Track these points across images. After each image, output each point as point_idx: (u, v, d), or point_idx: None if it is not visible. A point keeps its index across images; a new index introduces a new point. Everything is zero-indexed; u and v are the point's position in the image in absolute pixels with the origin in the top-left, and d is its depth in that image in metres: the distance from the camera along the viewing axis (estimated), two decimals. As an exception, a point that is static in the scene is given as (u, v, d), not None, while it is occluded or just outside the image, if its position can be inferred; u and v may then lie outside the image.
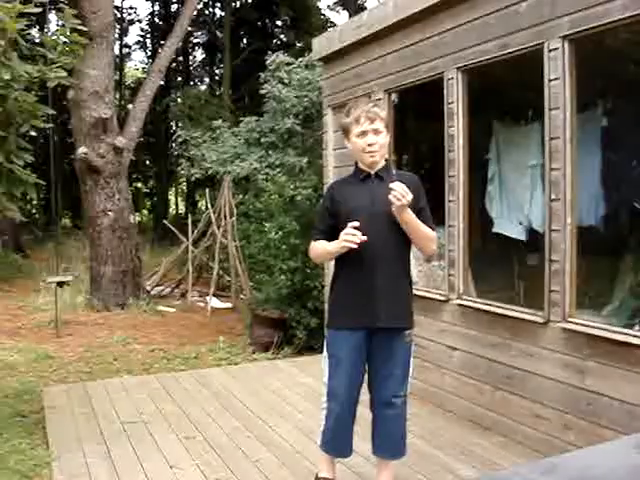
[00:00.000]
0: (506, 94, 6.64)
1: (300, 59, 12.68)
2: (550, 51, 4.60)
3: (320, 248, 3.93)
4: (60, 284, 9.82)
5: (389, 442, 4.01)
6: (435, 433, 5.30)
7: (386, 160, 4.00)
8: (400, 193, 3.58)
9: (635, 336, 4.15)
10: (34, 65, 5.24)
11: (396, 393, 3.92)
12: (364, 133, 3.85)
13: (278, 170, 11.78)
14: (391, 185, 3.62)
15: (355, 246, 3.61)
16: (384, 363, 3.91)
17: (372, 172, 3.92)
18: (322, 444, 4.07)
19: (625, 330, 4.31)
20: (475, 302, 5.54)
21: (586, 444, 4.08)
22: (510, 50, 4.97)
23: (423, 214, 3.86)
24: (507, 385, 5.14)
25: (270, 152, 12.64)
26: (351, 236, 3.60)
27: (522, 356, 4.98)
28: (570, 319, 4.57)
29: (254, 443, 5.13)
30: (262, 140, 12.81)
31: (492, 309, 5.31)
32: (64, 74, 5.36)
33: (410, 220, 3.73)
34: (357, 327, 3.86)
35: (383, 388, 3.94)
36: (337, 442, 4.03)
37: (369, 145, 3.84)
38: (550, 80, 4.63)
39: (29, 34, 5.95)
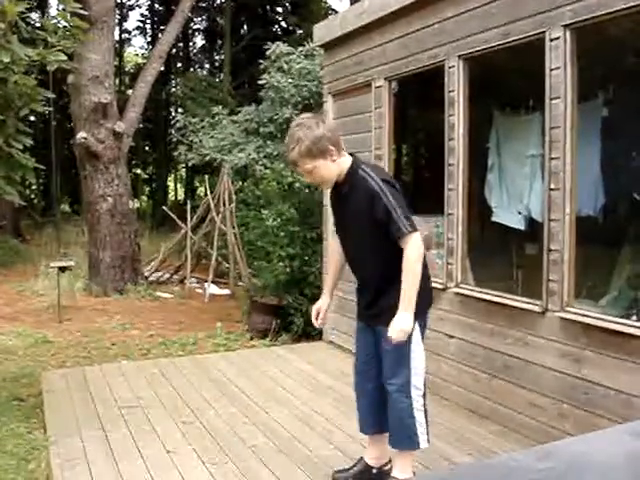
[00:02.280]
0: (507, 83, 6.64)
1: (300, 49, 12.64)
2: (551, 40, 4.59)
3: None
4: (62, 269, 9.83)
5: (390, 427, 4.05)
6: (431, 421, 5.28)
7: (351, 155, 3.96)
8: (397, 339, 3.70)
9: (632, 326, 4.16)
10: (34, 49, 5.23)
11: (388, 381, 3.96)
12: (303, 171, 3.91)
13: (276, 160, 11.75)
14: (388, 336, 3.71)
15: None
16: (381, 352, 3.99)
17: (335, 188, 3.98)
18: None
19: (622, 320, 4.32)
20: (473, 290, 5.55)
21: (582, 433, 4.10)
22: (511, 39, 4.95)
23: (388, 228, 3.70)
24: (504, 374, 5.15)
25: (268, 142, 12.61)
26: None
27: (519, 345, 4.99)
28: (568, 308, 4.58)
29: (251, 429, 5.15)
30: (261, 130, 12.78)
31: (490, 298, 5.31)
32: (64, 58, 5.35)
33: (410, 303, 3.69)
34: (360, 320, 4.19)
35: (380, 374, 4.04)
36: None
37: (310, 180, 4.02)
38: (551, 69, 4.62)
39: (29, 17, 5.94)
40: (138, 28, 31.83)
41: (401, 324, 3.67)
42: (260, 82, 12.77)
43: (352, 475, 4.19)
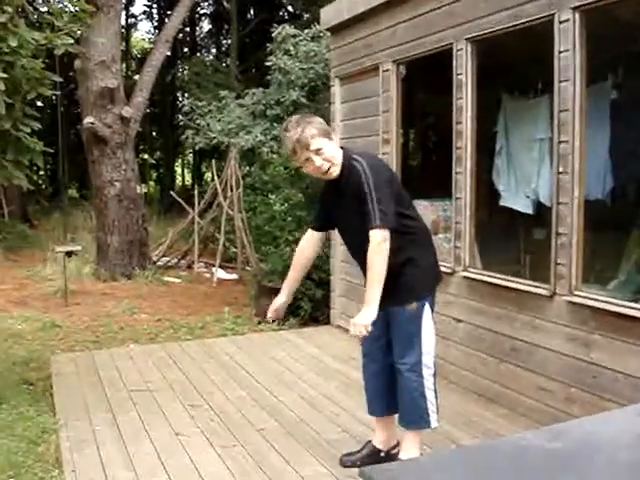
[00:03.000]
0: (515, 66, 6.60)
1: (307, 31, 12.59)
2: (561, 22, 4.56)
3: None
4: (68, 254, 9.85)
5: (401, 407, 4.10)
6: (440, 404, 5.31)
7: (342, 148, 3.99)
8: (353, 333, 3.74)
9: (641, 310, 4.16)
10: (41, 33, 5.22)
11: (400, 360, 3.98)
12: (307, 160, 3.89)
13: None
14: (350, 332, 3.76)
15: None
16: (391, 332, 4.02)
17: (333, 179, 3.97)
18: None
19: (631, 304, 4.31)
20: (481, 274, 5.55)
21: (590, 416, 4.10)
22: (520, 21, 4.92)
23: (366, 208, 3.70)
24: (512, 357, 5.16)
25: (275, 125, 12.59)
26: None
27: (527, 329, 4.99)
28: (576, 292, 4.57)
29: (259, 412, 5.17)
30: (268, 112, 12.76)
31: (498, 282, 5.31)
32: (71, 42, 5.35)
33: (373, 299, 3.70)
34: None
35: (387, 356, 4.08)
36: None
37: (317, 168, 3.90)
38: (560, 52, 4.60)
39: (36, 2, 5.93)
40: (144, 13, 31.79)
41: (360, 319, 3.68)
42: (267, 64, 12.74)
43: (359, 458, 4.21)
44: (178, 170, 35.06)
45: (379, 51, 6.75)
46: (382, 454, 4.25)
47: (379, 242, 3.65)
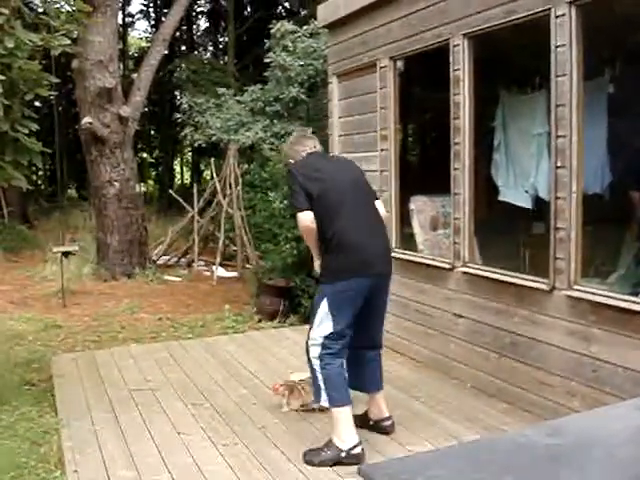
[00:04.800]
0: (512, 61, 6.60)
1: (305, 27, 12.58)
2: (557, 17, 4.56)
3: None
4: (65, 254, 9.85)
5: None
6: (440, 400, 5.34)
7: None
8: None
9: (640, 303, 4.17)
10: (38, 34, 5.22)
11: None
12: None
13: (283, 140, 11.73)
14: None
15: None
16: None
17: None
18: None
19: (630, 298, 4.32)
20: (480, 270, 5.55)
21: (590, 410, 4.11)
22: (517, 16, 4.92)
23: None
24: (512, 352, 5.16)
25: (275, 121, 12.58)
26: None
27: (527, 323, 5.00)
28: (575, 287, 4.58)
29: (260, 410, 5.18)
30: (267, 109, 12.76)
31: (497, 277, 5.32)
32: (68, 42, 5.34)
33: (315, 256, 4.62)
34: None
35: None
36: None
37: None
38: (557, 47, 4.60)
39: (33, 2, 5.93)
40: (141, 12, 31.67)
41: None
42: (266, 61, 12.72)
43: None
44: (177, 169, 35.05)
45: (376, 48, 6.75)
46: (371, 422, 4.71)
47: (299, 223, 4.53)
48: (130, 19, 31.57)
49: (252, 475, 4.11)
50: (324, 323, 4.33)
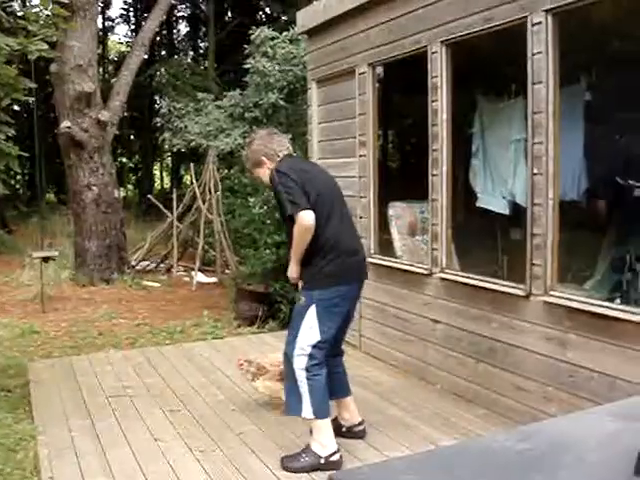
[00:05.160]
0: (490, 68, 6.64)
1: (285, 33, 12.58)
2: (533, 25, 4.60)
3: None
4: (45, 259, 9.79)
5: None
6: (418, 405, 5.35)
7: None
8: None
9: (616, 309, 4.20)
10: (15, 38, 5.19)
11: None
12: None
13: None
14: None
15: None
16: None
17: None
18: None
19: (606, 303, 4.37)
20: (458, 275, 5.58)
21: (566, 415, 4.13)
22: (494, 24, 4.96)
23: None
24: (489, 358, 5.19)
25: (254, 127, 12.55)
26: None
27: (504, 329, 5.02)
28: (552, 292, 4.61)
29: (238, 416, 5.17)
30: (246, 115, 12.74)
31: (475, 282, 5.34)
32: (46, 47, 5.32)
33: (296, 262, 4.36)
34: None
35: None
36: None
37: None
38: (533, 54, 4.63)
39: (10, 6, 5.90)
40: (121, 16, 31.62)
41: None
42: (245, 67, 12.71)
43: None
44: (157, 173, 34.93)
45: (355, 54, 6.77)
46: (344, 429, 4.68)
47: (298, 224, 4.24)
48: (110, 23, 31.53)
49: (229, 481, 4.10)
50: (312, 331, 4.21)
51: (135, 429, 4.90)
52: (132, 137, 31.59)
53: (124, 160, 31.95)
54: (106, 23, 30.42)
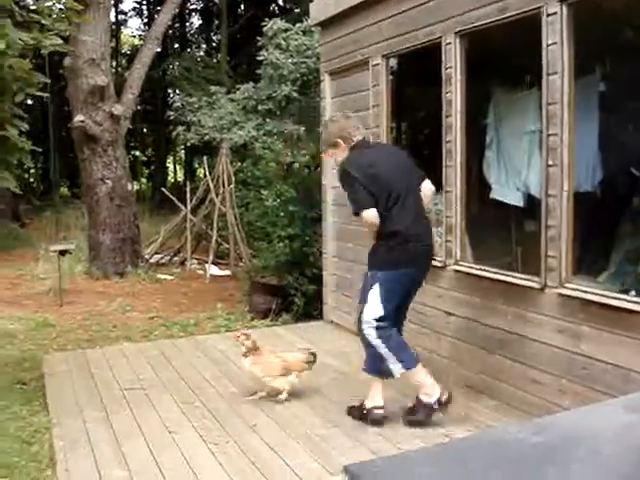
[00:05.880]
0: (504, 59, 6.59)
1: (298, 25, 12.56)
2: (548, 15, 4.57)
3: None
4: (62, 252, 9.84)
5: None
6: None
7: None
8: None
9: (630, 302, 4.18)
10: (29, 33, 5.20)
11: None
12: None
13: (275, 138, 11.72)
14: None
15: None
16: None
17: None
18: None
19: (621, 296, 4.34)
20: (472, 268, 5.56)
21: (581, 408, 4.11)
22: (508, 14, 4.92)
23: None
24: (503, 350, 5.17)
25: (267, 120, 12.57)
26: None
27: (518, 321, 5.00)
28: (566, 285, 4.58)
29: (252, 408, 5.18)
30: (259, 107, 12.74)
31: (489, 275, 5.32)
32: (59, 41, 5.33)
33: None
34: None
35: None
36: None
37: None
38: (548, 45, 4.60)
39: (24, 1, 5.92)
40: (134, 9, 31.67)
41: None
42: (258, 59, 12.71)
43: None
44: (170, 167, 35.01)
45: (368, 46, 6.74)
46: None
47: (365, 224, 4.83)
48: (123, 17, 31.58)
49: (243, 473, 4.10)
50: (375, 307, 4.65)
51: (149, 421, 4.92)
52: (145, 130, 31.68)
53: (137, 153, 32.05)
54: (119, 16, 30.49)
